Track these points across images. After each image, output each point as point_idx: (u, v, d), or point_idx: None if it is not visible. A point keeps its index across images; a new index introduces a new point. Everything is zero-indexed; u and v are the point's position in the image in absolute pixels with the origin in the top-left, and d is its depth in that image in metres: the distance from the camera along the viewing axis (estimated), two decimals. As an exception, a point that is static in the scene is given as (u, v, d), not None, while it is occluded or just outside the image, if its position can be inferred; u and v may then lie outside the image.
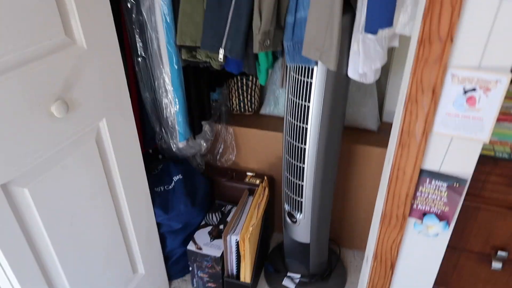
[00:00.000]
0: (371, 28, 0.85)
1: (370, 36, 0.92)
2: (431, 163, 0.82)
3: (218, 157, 1.62)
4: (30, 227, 0.88)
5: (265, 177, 1.55)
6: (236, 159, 1.62)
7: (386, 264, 1.02)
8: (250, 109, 1.60)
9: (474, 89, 0.70)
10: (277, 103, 1.55)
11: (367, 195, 1.52)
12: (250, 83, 1.54)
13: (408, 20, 0.87)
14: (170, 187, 1.46)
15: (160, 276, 1.49)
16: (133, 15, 1.15)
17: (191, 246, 1.45)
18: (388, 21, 0.84)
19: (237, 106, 1.59)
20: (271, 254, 1.68)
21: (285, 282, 1.52)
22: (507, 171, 0.88)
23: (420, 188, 0.86)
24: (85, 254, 1.06)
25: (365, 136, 1.46)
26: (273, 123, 1.55)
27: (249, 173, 1.60)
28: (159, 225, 1.41)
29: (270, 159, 1.58)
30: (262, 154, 1.58)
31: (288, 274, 1.54)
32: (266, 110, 1.59)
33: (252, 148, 1.57)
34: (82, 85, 0.92)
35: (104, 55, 0.98)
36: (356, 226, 1.64)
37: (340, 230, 1.68)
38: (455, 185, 0.82)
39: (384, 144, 1.41)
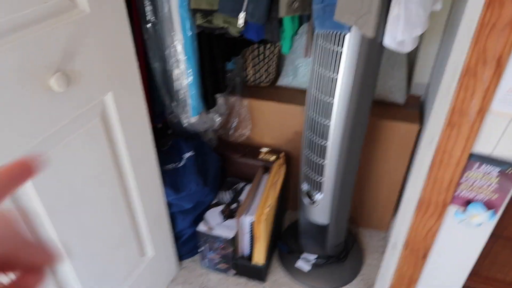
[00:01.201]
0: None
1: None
2: (483, 146, 0.72)
3: (231, 132, 1.52)
4: (30, 212, 0.80)
5: (283, 153, 1.45)
6: (250, 134, 1.52)
7: (418, 254, 0.94)
8: (266, 80, 1.48)
9: (549, 61, 0.59)
10: (296, 74, 1.43)
11: (390, 172, 1.43)
12: (267, 52, 1.41)
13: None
14: (181, 164, 1.37)
15: (170, 257, 1.43)
16: (141, -26, 1.02)
17: (202, 227, 1.37)
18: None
19: (253, 77, 1.47)
20: (285, 233, 1.62)
21: (300, 263, 1.46)
22: None
23: (467, 173, 0.76)
24: (90, 238, 0.98)
25: (391, 110, 1.35)
26: (291, 95, 1.43)
27: (263, 149, 1.51)
28: (169, 204, 1.34)
29: (286, 134, 1.48)
30: (278, 129, 1.48)
31: (303, 255, 1.47)
32: (283, 81, 1.47)
33: (268, 123, 1.47)
34: (85, 55, 0.82)
35: (109, 20, 0.87)
36: (376, 206, 1.56)
37: (357, 209, 1.60)
38: (508, 171, 0.73)
39: (411, 119, 1.31)
